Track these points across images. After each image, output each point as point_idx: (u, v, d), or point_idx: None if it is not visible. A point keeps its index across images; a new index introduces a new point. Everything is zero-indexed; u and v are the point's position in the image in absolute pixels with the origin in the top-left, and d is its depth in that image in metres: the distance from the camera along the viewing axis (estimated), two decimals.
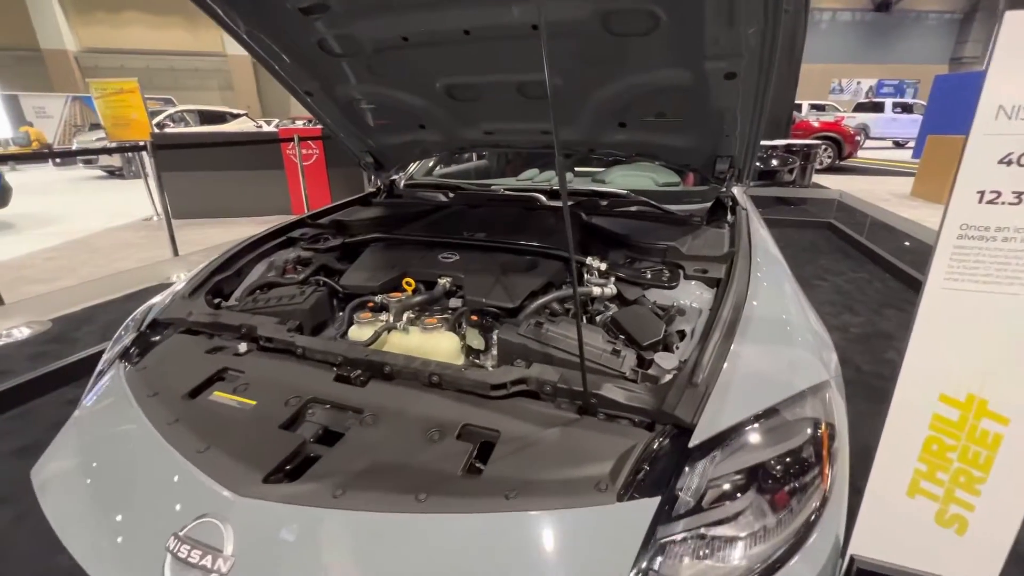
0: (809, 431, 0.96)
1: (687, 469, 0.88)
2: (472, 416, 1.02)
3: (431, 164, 2.99)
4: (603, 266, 1.47)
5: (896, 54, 24.44)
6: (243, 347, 1.29)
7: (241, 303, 1.55)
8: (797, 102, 13.41)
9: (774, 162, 2.32)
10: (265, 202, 7.00)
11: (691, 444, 0.89)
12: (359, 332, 1.32)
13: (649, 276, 1.46)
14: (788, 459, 0.92)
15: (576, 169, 2.88)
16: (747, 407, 0.95)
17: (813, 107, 16.22)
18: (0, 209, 6.98)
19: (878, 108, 16.99)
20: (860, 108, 17.35)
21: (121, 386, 1.21)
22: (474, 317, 1.38)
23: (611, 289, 1.41)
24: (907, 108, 16.83)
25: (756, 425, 0.93)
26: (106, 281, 4.43)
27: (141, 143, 4.15)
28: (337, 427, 1.05)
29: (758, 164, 2.56)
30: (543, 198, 2.16)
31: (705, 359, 1.02)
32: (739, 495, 0.87)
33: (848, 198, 5.92)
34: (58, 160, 14.73)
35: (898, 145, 17.24)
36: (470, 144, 2.16)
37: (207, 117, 12.63)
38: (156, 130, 10.46)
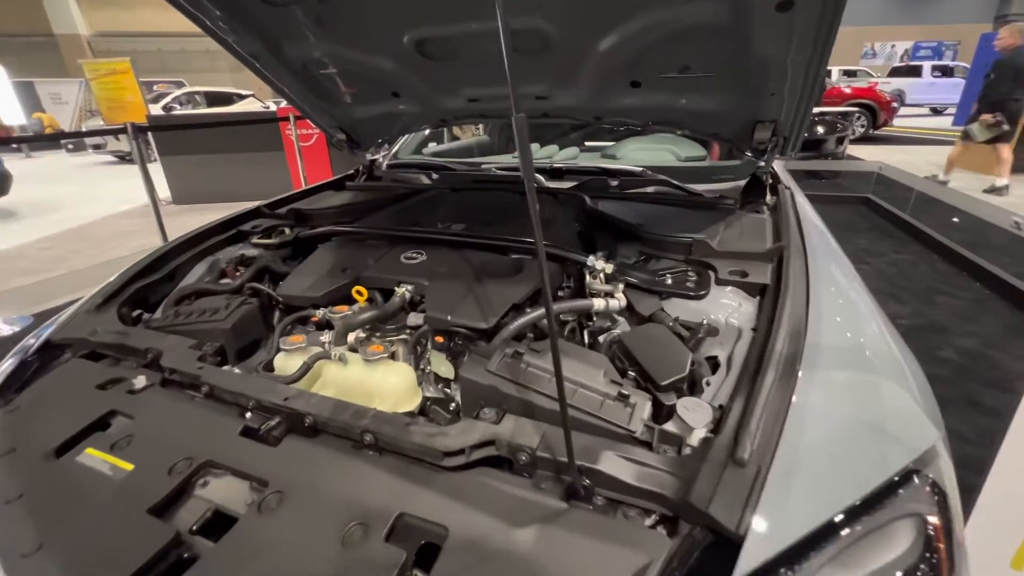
0: (917, 532, 0.63)
1: None
2: (413, 500, 0.71)
3: (420, 141, 2.65)
4: (609, 267, 1.13)
5: (934, 13, 22.80)
6: (140, 381, 1.00)
7: (162, 317, 1.26)
8: (828, 68, 12.52)
9: (820, 129, 1.91)
10: (267, 185, 6.70)
11: (740, 572, 0.57)
12: (286, 362, 1.02)
13: (670, 281, 1.12)
14: None
15: (587, 143, 2.51)
16: (827, 501, 0.62)
17: (844, 73, 15.24)
18: (0, 197, 6.83)
19: (915, 72, 15.90)
20: (895, 72, 16.29)
21: None
22: (439, 338, 1.07)
23: (619, 300, 1.07)
24: (947, 71, 15.72)
25: (843, 533, 0.60)
26: (94, 271, 4.25)
27: (121, 126, 3.89)
28: (232, 507, 0.75)
29: None
30: (542, 179, 1.81)
31: (754, 420, 0.69)
32: None
33: (889, 170, 5.40)
34: (71, 146, 14.69)
35: (936, 112, 16.18)
36: (453, 115, 1.81)
37: (214, 99, 12.36)
38: (162, 112, 10.29)
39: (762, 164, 1.61)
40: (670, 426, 0.79)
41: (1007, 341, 2.89)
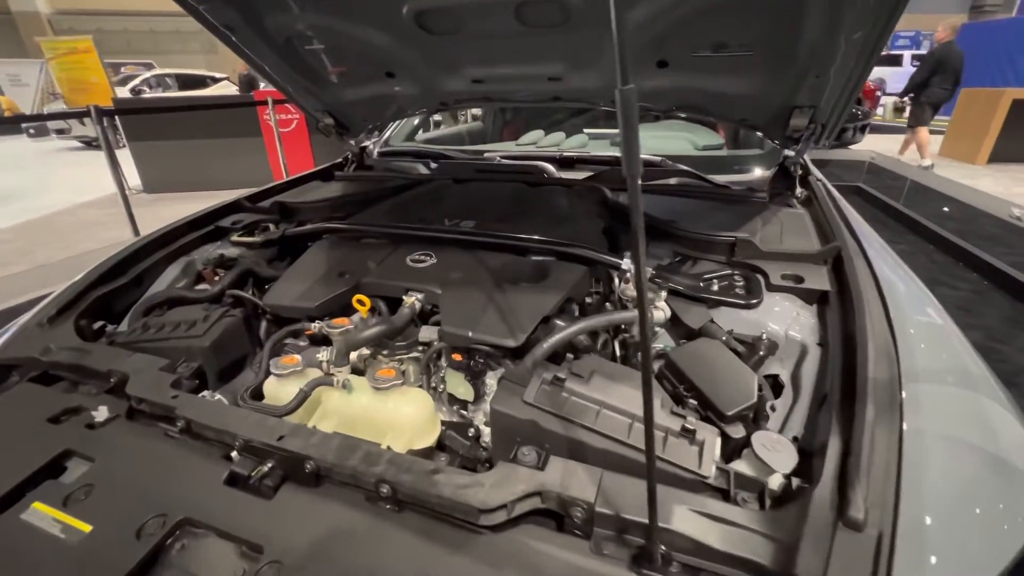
0: None
1: None
2: (445, 572, 0.57)
3: (413, 126, 2.47)
4: (647, 271, 1.00)
5: (911, 3, 22.99)
6: (102, 412, 0.84)
7: (128, 330, 1.09)
8: None
9: None
10: (244, 173, 6.43)
11: None
12: (278, 389, 0.86)
13: (716, 288, 1.00)
14: None
15: (586, 131, 2.36)
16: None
17: None
18: None
19: (895, 61, 16.03)
20: (876, 61, 16.45)
21: None
22: (457, 356, 0.93)
23: (663, 310, 0.94)
24: None
25: None
26: (60, 266, 3.99)
27: (84, 109, 3.61)
28: None
29: None
30: (552, 168, 1.66)
31: (862, 467, 0.56)
32: None
33: (881, 160, 5.37)
34: (32, 131, 13.98)
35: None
36: (454, 98, 1.64)
37: (186, 82, 11.88)
38: (130, 95, 9.80)
39: (791, 154, 1.50)
40: (746, 467, 0.67)
41: (1010, 333, 2.86)
